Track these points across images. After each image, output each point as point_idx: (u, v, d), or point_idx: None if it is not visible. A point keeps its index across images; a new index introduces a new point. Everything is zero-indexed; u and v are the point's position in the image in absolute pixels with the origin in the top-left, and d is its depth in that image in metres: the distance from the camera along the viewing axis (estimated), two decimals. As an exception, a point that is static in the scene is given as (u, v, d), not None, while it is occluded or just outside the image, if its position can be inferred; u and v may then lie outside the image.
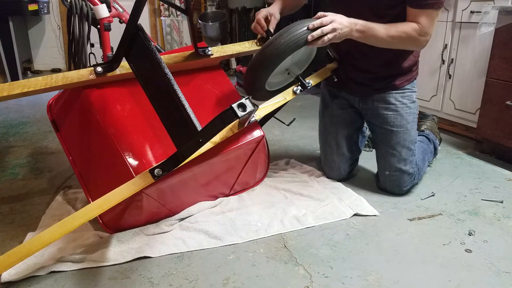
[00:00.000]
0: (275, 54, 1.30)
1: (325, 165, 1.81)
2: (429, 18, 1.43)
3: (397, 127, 1.61)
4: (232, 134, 1.35)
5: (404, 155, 1.61)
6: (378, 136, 1.69)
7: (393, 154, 1.62)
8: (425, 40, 1.46)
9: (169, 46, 5.25)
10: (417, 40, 1.45)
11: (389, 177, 1.64)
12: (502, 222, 1.46)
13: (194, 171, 1.34)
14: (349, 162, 1.76)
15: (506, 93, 1.93)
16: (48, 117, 1.44)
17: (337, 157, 1.75)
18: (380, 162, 1.68)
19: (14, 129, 2.55)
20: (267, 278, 1.15)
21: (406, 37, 1.43)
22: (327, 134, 1.78)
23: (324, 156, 1.81)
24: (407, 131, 1.61)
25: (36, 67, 4.90)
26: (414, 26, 1.43)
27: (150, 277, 1.15)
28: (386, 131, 1.63)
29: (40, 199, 1.61)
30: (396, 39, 1.43)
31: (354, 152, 1.78)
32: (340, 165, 1.75)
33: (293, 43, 1.29)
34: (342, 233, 1.38)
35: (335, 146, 1.74)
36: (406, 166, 1.61)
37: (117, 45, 1.17)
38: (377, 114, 1.65)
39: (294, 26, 1.31)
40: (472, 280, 1.15)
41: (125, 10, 2.73)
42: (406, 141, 1.61)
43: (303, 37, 1.30)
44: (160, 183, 1.23)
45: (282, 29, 1.32)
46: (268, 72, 1.37)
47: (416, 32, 1.43)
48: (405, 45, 1.49)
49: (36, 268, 1.16)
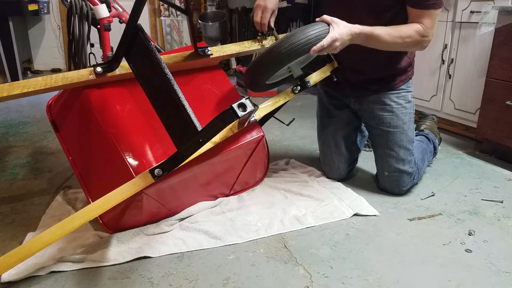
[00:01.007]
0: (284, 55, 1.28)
1: (324, 166, 1.81)
2: (431, 18, 1.43)
3: (394, 128, 1.61)
4: (232, 134, 1.35)
5: (402, 155, 1.61)
6: (375, 137, 1.69)
7: (390, 154, 1.62)
8: (427, 41, 1.46)
9: (169, 46, 5.25)
10: (420, 41, 1.45)
11: (388, 177, 1.64)
12: (502, 222, 1.46)
13: (194, 171, 1.34)
14: (348, 162, 1.76)
15: (506, 93, 1.93)
16: (48, 117, 1.44)
17: (336, 157, 1.75)
18: (378, 163, 1.69)
19: (14, 129, 2.55)
20: (267, 278, 1.15)
21: (410, 40, 1.43)
22: (326, 135, 1.78)
23: (323, 157, 1.81)
24: (403, 131, 1.61)
25: (36, 67, 4.89)
26: (417, 28, 1.43)
27: (150, 277, 1.15)
28: (383, 132, 1.63)
29: (40, 199, 1.61)
30: (399, 43, 1.43)
31: (353, 152, 1.78)
32: (339, 165, 1.75)
33: (303, 46, 1.27)
34: (342, 233, 1.38)
35: (334, 147, 1.74)
36: (405, 166, 1.61)
37: (117, 45, 1.17)
38: (373, 115, 1.65)
39: (305, 29, 1.28)
40: (472, 280, 1.15)
41: (125, 10, 2.73)
42: (403, 141, 1.61)
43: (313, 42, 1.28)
44: (160, 183, 1.23)
45: (293, 31, 1.30)
46: (274, 72, 1.36)
47: (419, 34, 1.43)
48: (408, 47, 1.49)
49: (36, 268, 1.16)
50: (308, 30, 1.28)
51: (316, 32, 1.29)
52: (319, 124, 1.83)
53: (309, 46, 1.27)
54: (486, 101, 2.04)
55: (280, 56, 1.28)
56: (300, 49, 1.27)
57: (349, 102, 1.71)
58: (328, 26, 1.31)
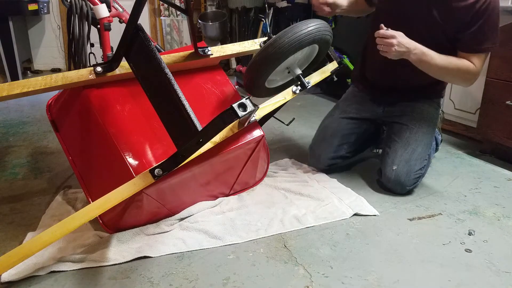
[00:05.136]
0: (278, 53, 1.30)
1: (310, 149, 1.87)
2: (481, 58, 1.48)
3: (418, 127, 1.65)
4: (232, 134, 1.35)
5: (417, 154, 1.62)
6: (397, 134, 1.70)
7: (407, 150, 1.63)
8: (474, 79, 1.51)
9: (169, 46, 5.25)
10: (468, 79, 1.50)
11: (395, 172, 1.61)
12: (502, 222, 1.46)
13: (194, 171, 1.34)
14: (332, 154, 1.79)
15: (506, 93, 1.93)
16: (48, 117, 1.44)
17: (324, 144, 1.79)
18: (389, 157, 1.65)
19: (14, 129, 2.55)
20: (267, 278, 1.15)
21: (459, 73, 1.48)
22: (332, 121, 1.83)
23: (314, 139, 1.87)
24: (427, 132, 1.65)
25: (36, 67, 4.89)
26: (468, 65, 1.47)
27: (150, 277, 1.15)
28: (408, 129, 1.66)
29: (40, 199, 1.61)
30: (449, 72, 1.49)
31: (341, 151, 1.81)
32: (320, 152, 1.80)
33: (296, 43, 1.30)
34: (342, 233, 1.38)
35: (329, 136, 1.80)
36: (416, 166, 1.61)
37: (117, 45, 1.17)
38: (402, 114, 1.70)
39: (298, 26, 1.31)
40: (472, 280, 1.15)
41: (125, 10, 2.73)
42: (423, 142, 1.64)
43: (308, 37, 1.30)
44: (160, 183, 1.23)
45: (286, 29, 1.32)
46: (270, 70, 1.37)
47: (469, 71, 1.47)
48: (454, 79, 1.55)
49: (36, 268, 1.16)
50: (308, 23, 1.33)
51: (316, 24, 1.32)
52: (332, 110, 1.88)
53: (310, 37, 1.30)
54: (486, 101, 2.04)
55: (285, 46, 1.30)
56: (302, 40, 1.30)
57: (377, 111, 1.78)
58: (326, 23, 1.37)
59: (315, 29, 1.33)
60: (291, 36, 1.29)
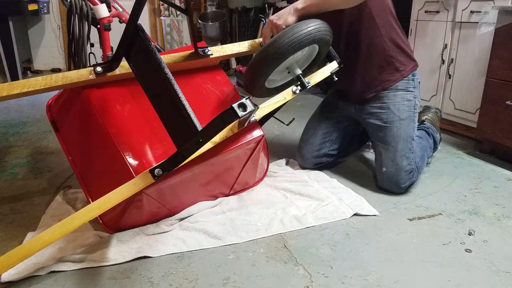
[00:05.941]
0: (278, 53, 1.31)
1: (296, 151, 1.92)
2: None
3: (390, 123, 1.66)
4: (232, 134, 1.35)
5: (399, 151, 1.63)
6: (374, 135, 1.74)
7: (388, 149, 1.65)
8: None
9: (169, 46, 5.25)
10: None
11: (386, 174, 1.64)
12: (502, 222, 1.46)
13: (194, 171, 1.34)
14: (315, 153, 1.83)
15: (506, 93, 1.93)
16: (48, 117, 1.44)
17: (307, 144, 1.85)
18: (377, 160, 1.70)
19: (14, 129, 2.55)
20: (267, 278, 1.15)
21: None
22: (312, 121, 1.91)
23: (299, 140, 1.92)
24: (401, 127, 1.65)
25: (36, 67, 4.90)
26: None
27: (150, 277, 1.15)
28: (381, 128, 1.68)
29: (40, 199, 1.61)
30: None
31: (324, 149, 1.84)
32: (304, 152, 1.85)
33: (296, 43, 1.30)
34: (342, 233, 1.38)
35: (310, 136, 1.86)
36: (403, 162, 1.62)
37: (117, 45, 1.17)
38: (371, 112, 1.71)
39: (298, 26, 1.32)
40: (472, 280, 1.15)
41: (125, 10, 2.73)
42: (401, 137, 1.64)
43: (308, 37, 1.31)
44: (160, 183, 1.23)
45: (286, 28, 1.33)
46: (270, 70, 1.37)
47: None
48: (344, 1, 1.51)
49: (36, 268, 1.16)
50: (308, 23, 1.33)
51: (316, 24, 1.33)
52: (314, 112, 1.97)
53: (310, 37, 1.32)
54: (486, 101, 2.04)
55: (284, 46, 1.30)
56: (302, 40, 1.31)
57: (350, 110, 1.80)
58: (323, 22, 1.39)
59: (315, 29, 1.33)
60: (291, 36, 1.30)
